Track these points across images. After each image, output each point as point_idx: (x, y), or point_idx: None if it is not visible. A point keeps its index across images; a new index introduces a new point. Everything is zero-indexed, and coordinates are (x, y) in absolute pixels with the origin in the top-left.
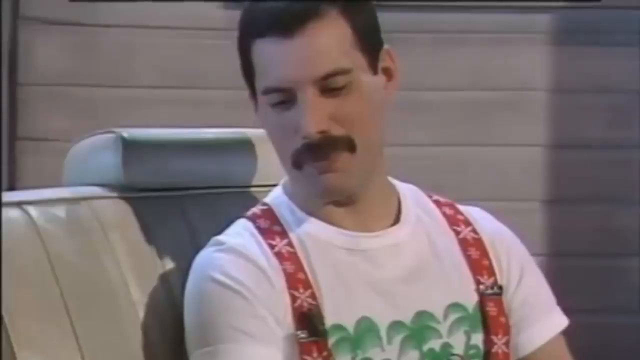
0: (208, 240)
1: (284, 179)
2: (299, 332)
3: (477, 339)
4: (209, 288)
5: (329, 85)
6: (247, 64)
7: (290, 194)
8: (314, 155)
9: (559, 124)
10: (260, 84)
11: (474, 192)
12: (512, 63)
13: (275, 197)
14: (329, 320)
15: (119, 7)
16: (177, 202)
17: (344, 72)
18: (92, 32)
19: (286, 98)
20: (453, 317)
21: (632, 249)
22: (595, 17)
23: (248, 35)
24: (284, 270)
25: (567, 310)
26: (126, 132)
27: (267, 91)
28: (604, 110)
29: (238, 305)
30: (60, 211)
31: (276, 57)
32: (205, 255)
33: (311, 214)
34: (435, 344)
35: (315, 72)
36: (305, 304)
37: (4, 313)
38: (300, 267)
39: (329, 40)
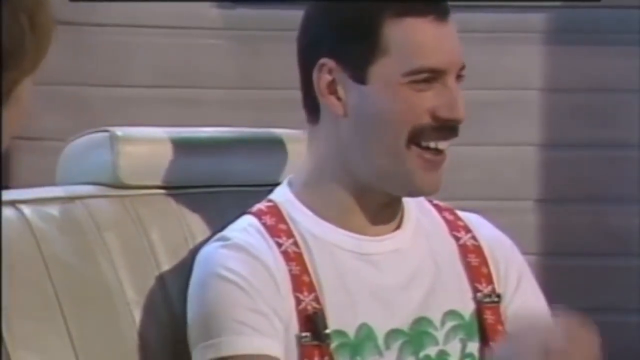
0: (203, 239)
1: (290, 176)
2: (302, 335)
3: (473, 347)
4: (213, 283)
5: (460, 74)
6: (367, 42)
7: (296, 192)
8: (442, 135)
9: (554, 123)
10: (406, 62)
11: (467, 192)
12: (507, 62)
13: (281, 195)
14: (331, 325)
15: (113, 7)
16: (172, 201)
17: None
18: (87, 31)
19: (430, 79)
20: (449, 324)
21: (627, 248)
22: (590, 16)
23: (386, 12)
24: (290, 272)
25: (561, 310)
26: (120, 131)
27: (421, 70)
28: (598, 110)
29: (241, 300)
30: (54, 210)
31: (438, 38)
32: (210, 251)
33: (317, 213)
34: (431, 351)
35: (462, 59)
36: (309, 307)
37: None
38: (305, 269)
39: None
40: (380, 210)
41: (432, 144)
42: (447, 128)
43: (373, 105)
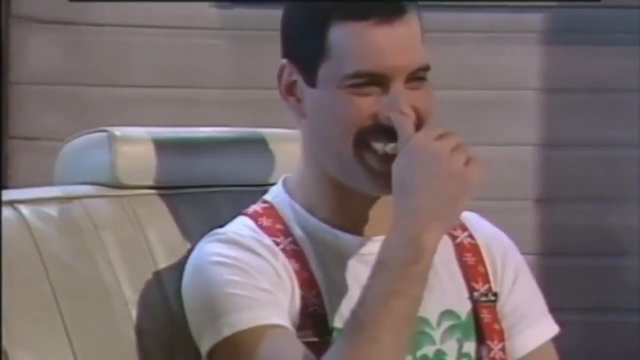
0: (200, 239)
1: (284, 176)
2: (302, 331)
3: (470, 347)
4: (208, 269)
5: (414, 77)
6: (315, 45)
7: (291, 191)
8: (389, 136)
9: (552, 123)
10: (344, 66)
11: None
12: (505, 62)
13: (277, 195)
14: (330, 323)
15: (111, 6)
16: (170, 201)
17: (428, 67)
18: (84, 31)
19: (371, 83)
20: (446, 324)
21: (625, 248)
22: (587, 16)
23: (332, 16)
24: (292, 267)
25: (559, 309)
26: (118, 131)
27: (358, 75)
28: (596, 109)
29: (240, 279)
30: (52, 210)
31: (378, 41)
32: (202, 245)
33: (314, 213)
34: (428, 350)
35: (413, 63)
36: (310, 304)
37: None
38: (305, 266)
39: (418, 33)
40: (371, 209)
41: (379, 147)
42: (393, 131)
43: (321, 109)
